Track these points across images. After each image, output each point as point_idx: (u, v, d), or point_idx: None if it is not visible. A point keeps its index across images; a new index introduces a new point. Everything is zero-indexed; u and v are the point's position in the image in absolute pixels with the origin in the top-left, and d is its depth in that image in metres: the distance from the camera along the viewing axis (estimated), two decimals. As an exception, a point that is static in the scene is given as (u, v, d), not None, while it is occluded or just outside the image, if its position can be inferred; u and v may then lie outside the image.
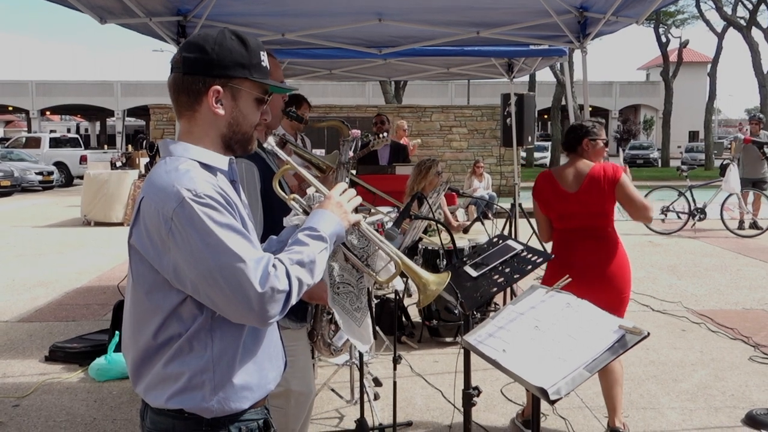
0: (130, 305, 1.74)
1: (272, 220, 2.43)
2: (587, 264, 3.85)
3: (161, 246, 1.60)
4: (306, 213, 2.02)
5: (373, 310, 5.32)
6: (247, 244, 1.61)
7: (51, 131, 42.39)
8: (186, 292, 1.64)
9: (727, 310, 7.04)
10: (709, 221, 12.33)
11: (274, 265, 1.62)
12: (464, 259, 3.35)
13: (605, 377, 3.94)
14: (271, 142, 1.90)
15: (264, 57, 1.80)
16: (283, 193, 2.10)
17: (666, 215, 12.44)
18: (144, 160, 15.58)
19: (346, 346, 2.80)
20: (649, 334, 2.14)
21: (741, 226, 12.23)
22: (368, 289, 2.52)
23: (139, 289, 1.69)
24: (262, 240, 1.99)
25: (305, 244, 1.72)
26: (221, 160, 1.77)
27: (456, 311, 5.73)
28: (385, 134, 7.12)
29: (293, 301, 1.65)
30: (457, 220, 7.46)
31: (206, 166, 1.72)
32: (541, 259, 3.06)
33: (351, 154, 10.59)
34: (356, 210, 1.95)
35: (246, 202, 1.89)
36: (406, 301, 6.65)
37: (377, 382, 4.95)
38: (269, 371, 1.83)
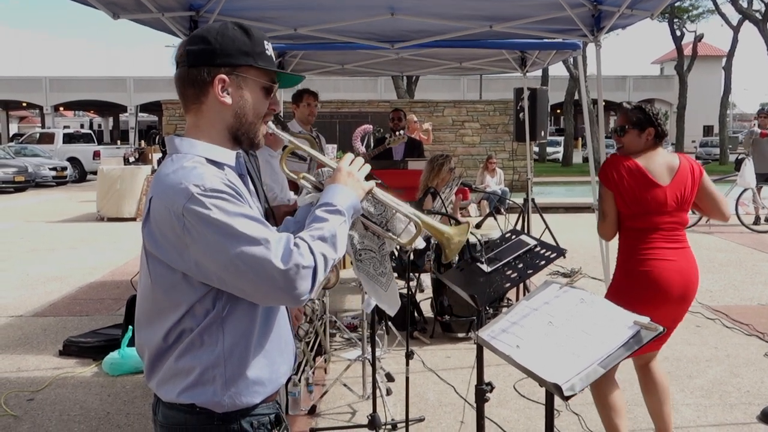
0: (149, 303, 1.73)
1: None
2: (667, 270, 3.41)
3: (178, 243, 1.60)
4: (318, 189, 2.01)
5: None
6: (262, 227, 1.61)
7: (64, 127, 42.57)
8: (212, 285, 1.64)
9: (743, 306, 6.98)
10: (723, 216, 12.21)
11: (296, 244, 1.62)
12: (477, 254, 3.33)
13: (652, 396, 3.65)
14: (271, 125, 1.88)
15: (268, 47, 1.79)
16: (292, 174, 2.09)
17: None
18: (157, 156, 15.65)
19: None
20: (664, 329, 2.12)
21: (756, 222, 12.12)
22: (391, 253, 2.50)
23: (157, 288, 1.68)
24: None
25: (324, 219, 1.72)
26: (228, 155, 1.76)
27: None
28: (401, 132, 7.11)
29: (320, 276, 1.64)
30: (469, 215, 7.44)
31: (213, 162, 1.71)
32: (554, 255, 3.04)
33: (363, 149, 10.63)
34: (368, 177, 1.94)
35: (255, 193, 1.89)
36: (419, 297, 6.65)
37: (390, 378, 4.95)
38: (280, 365, 1.82)
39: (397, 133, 6.35)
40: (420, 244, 2.17)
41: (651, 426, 3.85)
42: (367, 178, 1.94)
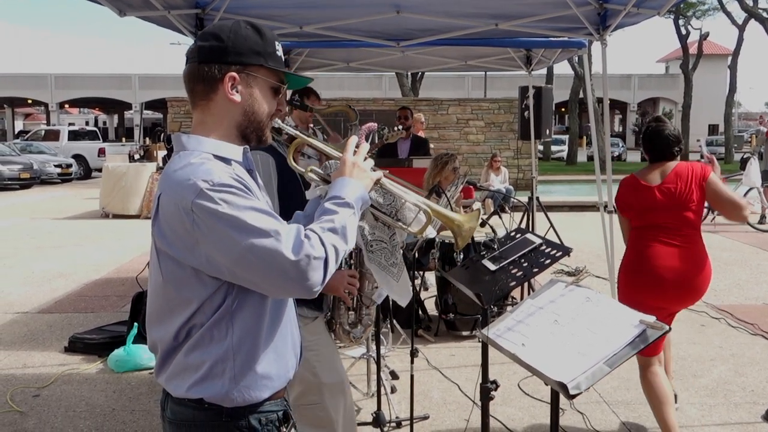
0: (160, 300, 1.73)
1: (288, 213, 2.45)
2: (665, 267, 3.63)
3: (188, 239, 1.60)
4: (326, 182, 2.01)
5: (391, 302, 5.32)
6: (272, 220, 1.61)
7: (70, 124, 42.75)
8: (224, 278, 1.64)
9: (748, 305, 6.97)
10: (729, 215, 12.17)
11: (306, 235, 1.62)
12: (482, 252, 3.33)
13: (651, 398, 3.75)
14: (277, 121, 1.89)
15: (279, 47, 1.81)
16: (299, 167, 2.10)
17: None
18: (162, 153, 15.68)
19: (366, 333, 2.78)
20: (670, 329, 2.12)
21: (762, 221, 12.09)
22: (401, 245, 2.50)
23: (168, 285, 1.69)
24: None
25: (334, 212, 1.73)
26: (235, 151, 1.77)
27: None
28: (399, 127, 7.11)
29: (332, 268, 1.65)
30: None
31: (220, 158, 1.72)
32: (560, 253, 3.04)
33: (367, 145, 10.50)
34: (374, 168, 1.94)
35: (264, 188, 1.89)
36: (423, 295, 6.65)
37: (394, 376, 4.95)
38: (288, 360, 1.84)
39: (395, 129, 6.34)
40: (431, 233, 2.18)
41: (655, 424, 3.85)
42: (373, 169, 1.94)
